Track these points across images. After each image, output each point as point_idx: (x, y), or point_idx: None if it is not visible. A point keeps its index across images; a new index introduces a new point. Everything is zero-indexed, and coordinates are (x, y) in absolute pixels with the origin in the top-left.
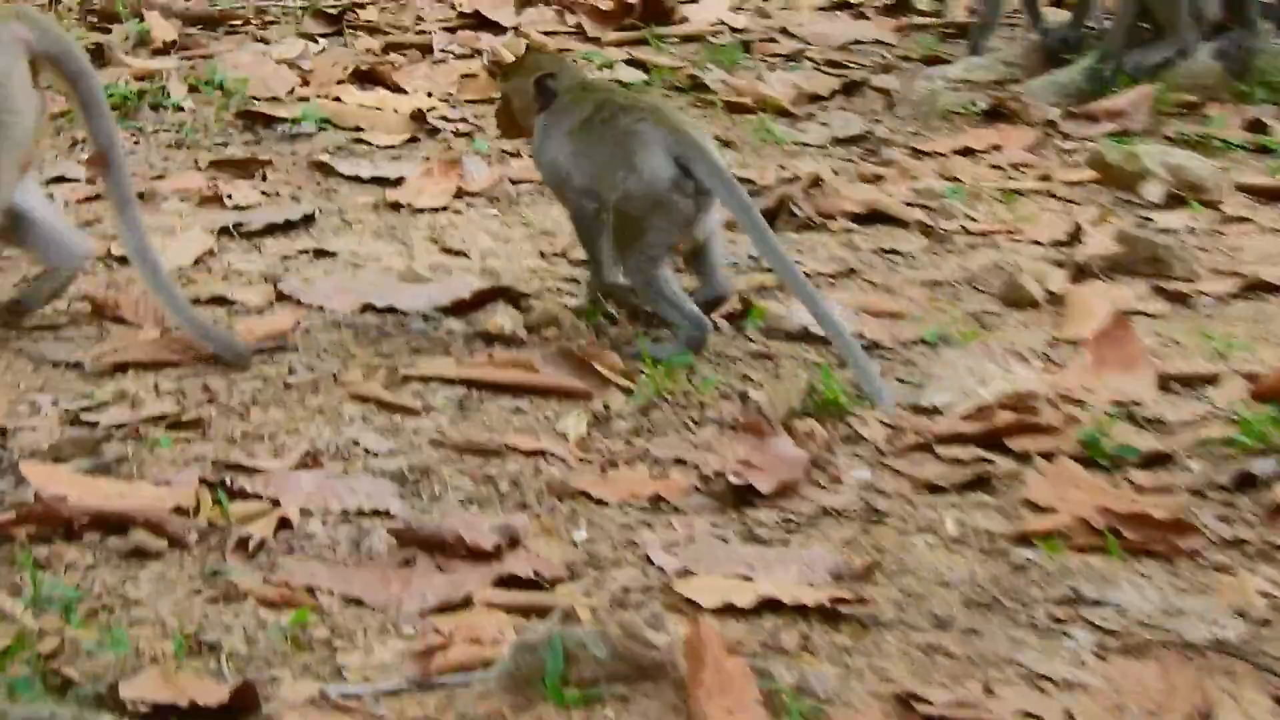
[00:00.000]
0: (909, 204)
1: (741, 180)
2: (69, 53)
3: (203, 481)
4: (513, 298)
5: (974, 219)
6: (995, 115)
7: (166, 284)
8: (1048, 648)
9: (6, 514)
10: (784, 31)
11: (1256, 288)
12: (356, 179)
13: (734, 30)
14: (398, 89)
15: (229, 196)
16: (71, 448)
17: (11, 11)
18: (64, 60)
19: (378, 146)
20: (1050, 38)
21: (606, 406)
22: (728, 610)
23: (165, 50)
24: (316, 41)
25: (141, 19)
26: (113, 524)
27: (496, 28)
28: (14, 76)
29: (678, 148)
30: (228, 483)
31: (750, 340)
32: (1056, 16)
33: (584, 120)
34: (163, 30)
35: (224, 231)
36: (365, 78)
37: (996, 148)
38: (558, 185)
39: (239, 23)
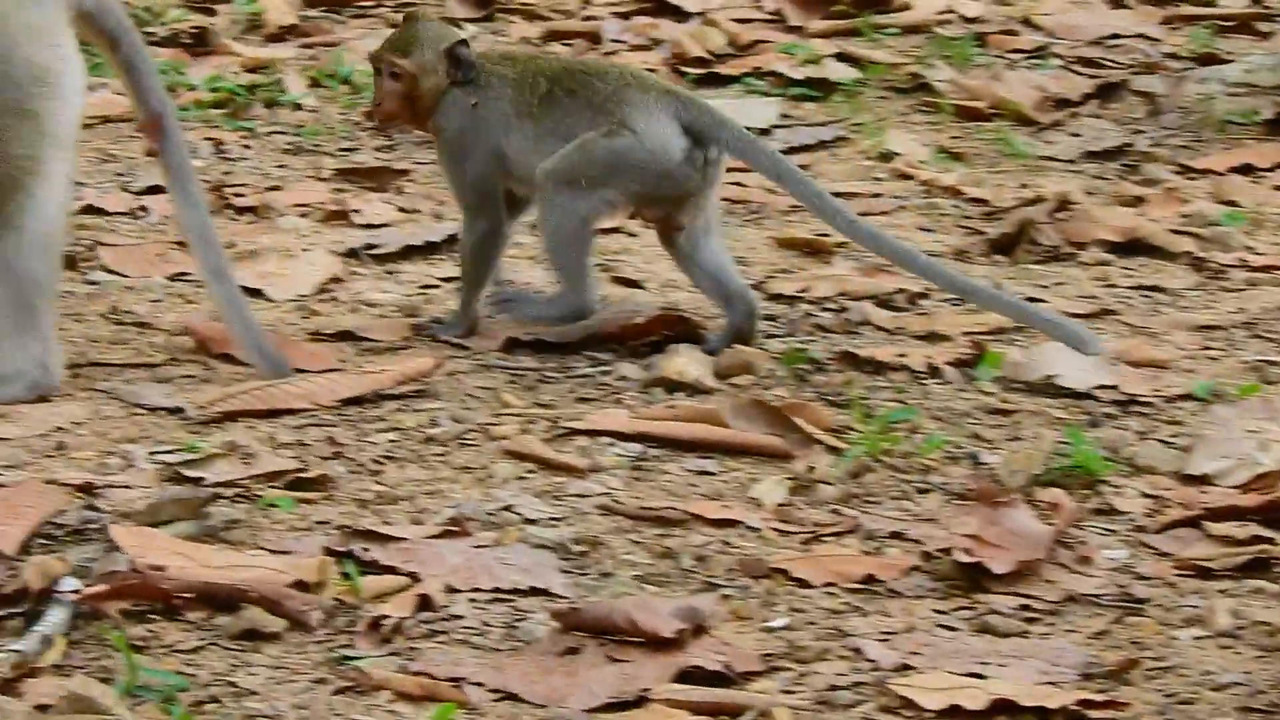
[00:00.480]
0: (1176, 232)
1: (975, 201)
2: (105, 5)
3: (328, 551)
4: (698, 338)
5: (1255, 251)
6: None
7: (226, 274)
8: None
9: (96, 587)
10: (1026, 22)
11: None
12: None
13: (966, 20)
14: None
15: (357, 213)
16: (172, 509)
17: None
18: (100, 14)
19: None
20: None
21: (810, 469)
22: (954, 713)
23: (281, 37)
24: (462, 27)
25: None
26: (221, 600)
27: (678, 13)
28: (61, 47)
29: (686, 113)
30: (357, 553)
31: (984, 393)
32: None
33: (543, 95)
34: (279, 13)
35: (352, 254)
36: None
37: None
38: (485, 180)
39: (369, 4)
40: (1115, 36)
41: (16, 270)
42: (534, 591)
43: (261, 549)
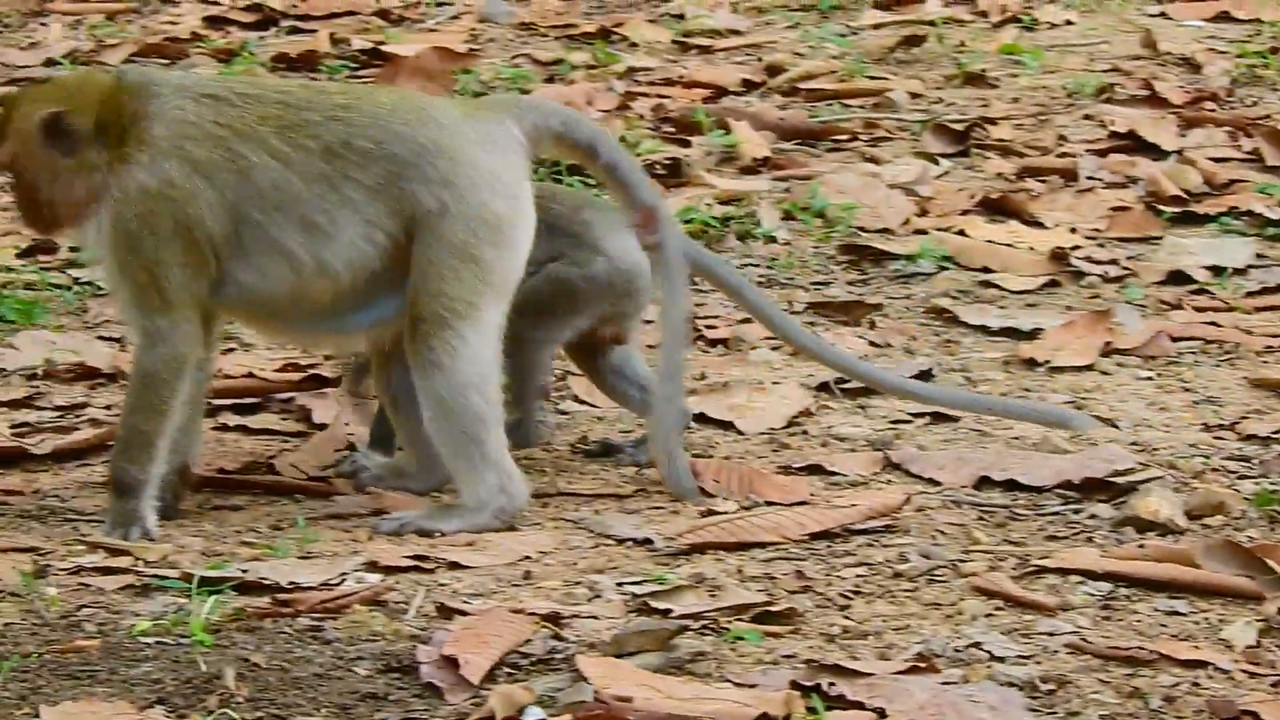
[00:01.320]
0: None
1: None
2: (572, 120)
3: (794, 685)
4: (1170, 478)
5: None
6: None
7: (678, 376)
8: None
9: (562, 717)
10: None
11: None
12: (983, 329)
13: None
14: (1034, 222)
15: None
16: (639, 640)
17: (501, 104)
18: (570, 129)
19: (1009, 291)
20: None
21: None
22: None
23: (755, 169)
24: (937, 163)
25: (727, 130)
26: None
27: (1155, 151)
28: (518, 199)
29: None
30: (824, 688)
31: None
32: None
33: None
34: (753, 145)
35: (823, 387)
36: (995, 208)
37: None
38: None
39: (844, 138)
40: None
41: (455, 407)
42: None
43: (727, 682)
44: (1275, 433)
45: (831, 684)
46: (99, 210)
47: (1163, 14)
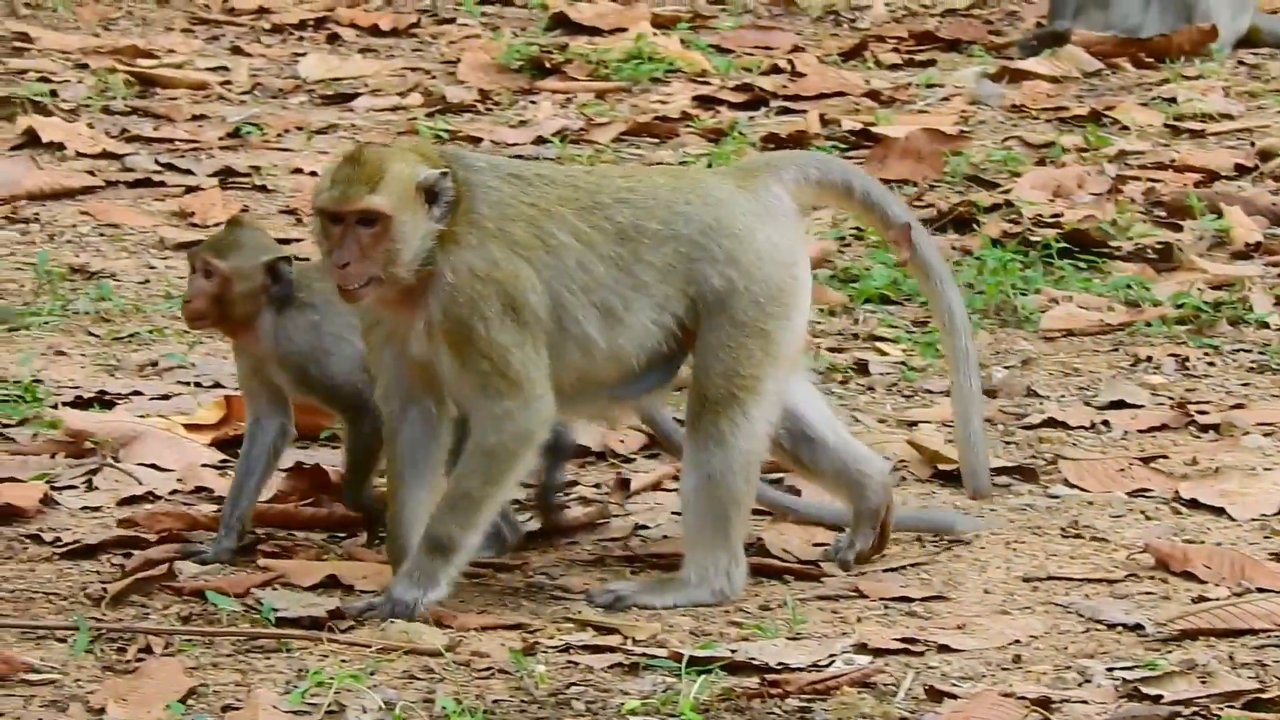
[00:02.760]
0: None
1: None
2: (824, 164)
3: None
4: None
5: None
6: None
7: (972, 367)
8: None
9: None
10: None
11: None
12: None
13: None
14: None
15: None
16: None
17: (761, 167)
18: (825, 174)
19: None
20: None
21: None
22: None
23: (1247, 254)
24: None
25: (1219, 215)
26: None
27: None
28: (796, 266)
29: None
30: None
31: None
32: None
33: None
34: (1245, 230)
35: None
36: None
37: None
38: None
39: None
40: None
41: (721, 485)
42: None
43: None
44: None
45: None
46: (427, 292)
47: None
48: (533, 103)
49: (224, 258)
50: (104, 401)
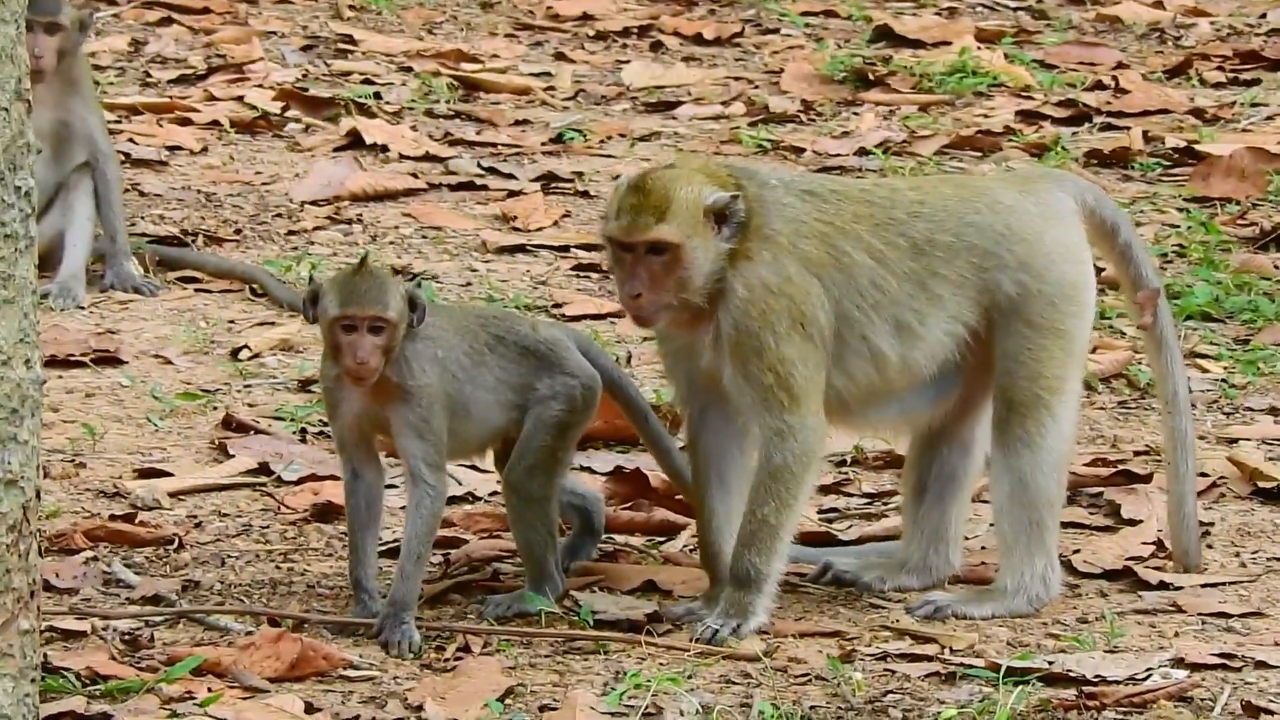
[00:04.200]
0: None
1: None
2: (1102, 197)
3: None
4: None
5: None
6: None
7: (1189, 445)
8: None
9: None
10: None
11: None
12: None
13: None
14: None
15: None
16: None
17: (1041, 175)
18: (1098, 207)
19: None
20: None
21: None
22: None
23: None
24: None
25: None
26: None
27: None
28: (1084, 263)
29: (582, 341)
30: None
31: None
32: None
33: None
34: None
35: None
36: None
37: None
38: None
39: None
40: None
41: (1032, 487)
42: None
43: None
44: None
45: None
46: (716, 307)
47: None
48: (855, 114)
49: (389, 307)
50: None
